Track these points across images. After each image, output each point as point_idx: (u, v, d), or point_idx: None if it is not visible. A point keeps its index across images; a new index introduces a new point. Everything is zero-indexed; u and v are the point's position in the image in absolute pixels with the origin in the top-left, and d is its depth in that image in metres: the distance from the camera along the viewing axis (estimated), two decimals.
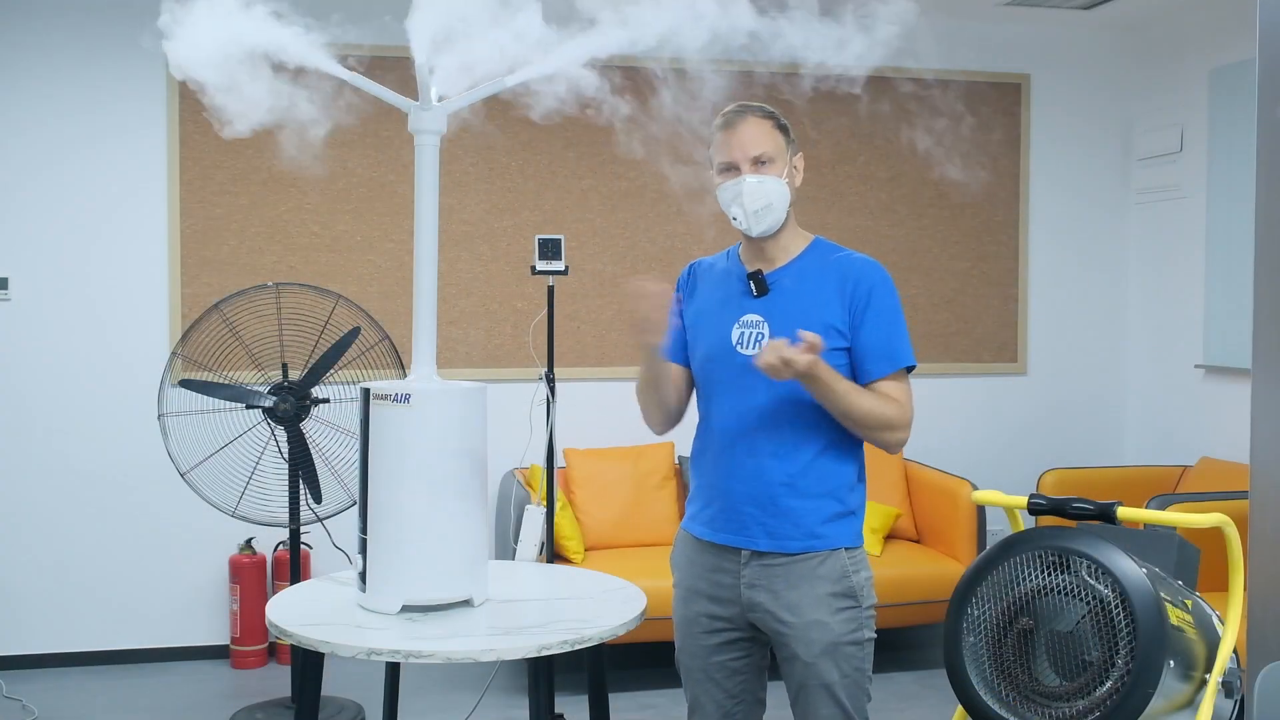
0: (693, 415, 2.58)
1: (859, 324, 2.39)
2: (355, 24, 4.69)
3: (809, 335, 2.25)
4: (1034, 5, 5.17)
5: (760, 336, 2.40)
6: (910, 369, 2.43)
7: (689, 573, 2.51)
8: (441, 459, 2.35)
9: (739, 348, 2.42)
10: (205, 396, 4.02)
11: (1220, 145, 5.02)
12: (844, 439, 2.42)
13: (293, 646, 2.97)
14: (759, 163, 2.39)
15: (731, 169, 2.41)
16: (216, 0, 2.40)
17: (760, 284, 2.43)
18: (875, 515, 4.77)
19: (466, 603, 2.39)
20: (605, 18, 2.37)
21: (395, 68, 4.83)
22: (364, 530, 2.38)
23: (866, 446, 2.49)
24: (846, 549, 2.41)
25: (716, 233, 5.08)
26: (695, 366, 2.53)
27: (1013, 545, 2.19)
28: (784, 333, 2.37)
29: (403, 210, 4.97)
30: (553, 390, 4.00)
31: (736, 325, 2.44)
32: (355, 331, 4.05)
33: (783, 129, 2.44)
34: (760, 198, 2.38)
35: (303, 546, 4.68)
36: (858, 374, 2.40)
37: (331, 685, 4.30)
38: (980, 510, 4.66)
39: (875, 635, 2.44)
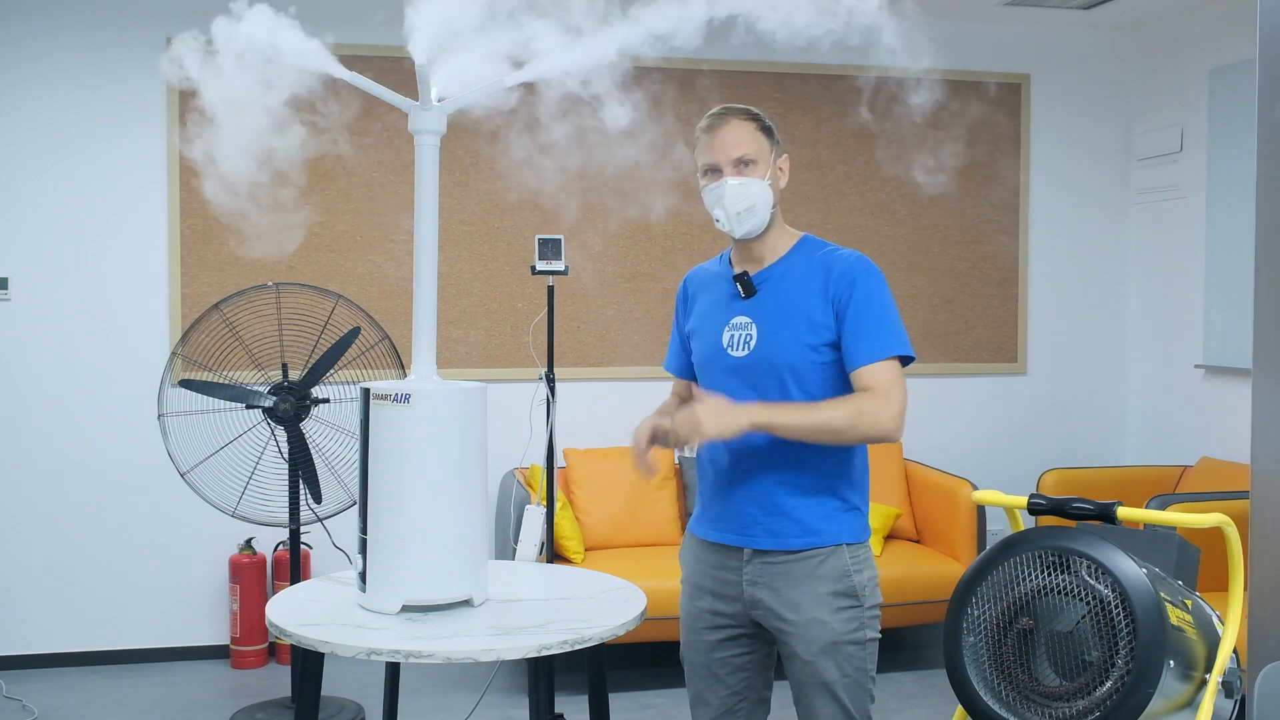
0: None
1: (843, 315, 2.36)
2: (356, 24, 4.70)
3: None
4: (1034, 5, 5.17)
5: (749, 338, 2.41)
6: (905, 360, 2.37)
7: (694, 569, 2.54)
8: (441, 459, 2.34)
9: (729, 350, 2.43)
10: (205, 396, 4.02)
11: (1220, 145, 5.02)
12: None
13: (293, 646, 2.98)
14: (742, 164, 2.39)
15: (714, 171, 2.41)
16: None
17: (747, 285, 2.44)
18: (875, 515, 4.77)
19: (466, 603, 2.39)
20: (608, 17, 2.37)
21: (395, 68, 4.84)
22: (364, 530, 2.38)
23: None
24: (848, 545, 2.40)
25: (716, 233, 5.07)
26: (696, 373, 2.55)
27: (1013, 545, 2.19)
28: (771, 332, 2.38)
29: (403, 210, 4.97)
30: (553, 390, 4.00)
31: (727, 328, 2.45)
32: (355, 331, 4.05)
33: (766, 131, 2.43)
34: (742, 200, 2.37)
35: (303, 546, 4.68)
36: (844, 364, 2.37)
37: (331, 685, 4.31)
38: (980, 510, 4.66)
39: (879, 635, 2.43)
